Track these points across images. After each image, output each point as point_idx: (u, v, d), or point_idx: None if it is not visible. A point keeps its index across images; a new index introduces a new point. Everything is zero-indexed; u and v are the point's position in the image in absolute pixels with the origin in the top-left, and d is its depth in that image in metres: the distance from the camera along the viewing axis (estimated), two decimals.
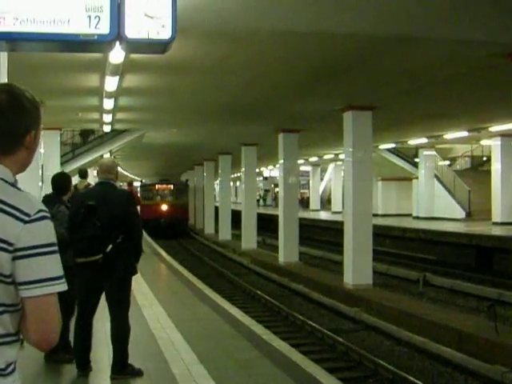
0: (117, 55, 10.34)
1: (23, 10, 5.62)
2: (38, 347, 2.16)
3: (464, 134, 25.12)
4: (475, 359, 10.83)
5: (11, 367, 2.11)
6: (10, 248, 2.03)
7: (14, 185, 2.15)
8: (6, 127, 2.17)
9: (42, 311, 2.07)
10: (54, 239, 2.12)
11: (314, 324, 14.06)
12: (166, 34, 5.89)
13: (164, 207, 42.57)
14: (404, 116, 20.12)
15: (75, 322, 6.96)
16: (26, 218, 2.06)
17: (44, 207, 2.13)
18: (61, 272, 2.10)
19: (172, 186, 44.74)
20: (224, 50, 11.25)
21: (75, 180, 11.99)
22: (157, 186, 44.73)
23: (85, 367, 6.95)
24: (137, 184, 69.58)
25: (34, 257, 2.04)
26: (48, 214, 2.13)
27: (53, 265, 2.09)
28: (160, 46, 6.19)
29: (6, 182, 2.13)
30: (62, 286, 2.10)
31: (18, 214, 2.05)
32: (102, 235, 6.50)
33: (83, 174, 13.14)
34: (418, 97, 16.14)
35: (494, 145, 28.14)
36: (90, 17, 5.81)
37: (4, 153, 2.17)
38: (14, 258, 2.04)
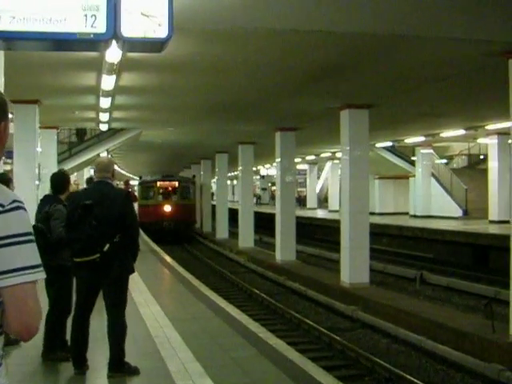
0: (113, 54, 10.34)
1: (20, 9, 5.63)
2: (20, 337, 2.14)
3: (461, 132, 25.17)
4: (471, 357, 10.85)
5: None
6: None
7: None
8: None
9: (20, 300, 2.05)
10: (29, 229, 2.12)
11: (310, 322, 14.07)
12: (162, 32, 5.90)
13: (167, 208, 36.50)
14: (401, 114, 20.14)
15: (72, 320, 6.97)
16: (0, 209, 2.06)
17: (19, 198, 2.13)
18: (38, 261, 2.09)
19: (176, 183, 38.55)
20: (221, 48, 11.26)
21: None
22: (158, 184, 38.20)
23: (81, 365, 6.96)
24: (134, 182, 69.49)
25: (8, 246, 2.04)
26: (23, 205, 2.13)
27: (29, 253, 2.08)
28: (156, 45, 6.20)
29: None
30: (39, 275, 2.09)
31: None
32: (98, 234, 6.51)
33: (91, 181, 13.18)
34: (414, 95, 16.15)
35: (490, 143, 28.18)
36: (86, 16, 5.82)
37: None
38: None
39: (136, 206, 34.08)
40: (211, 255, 29.46)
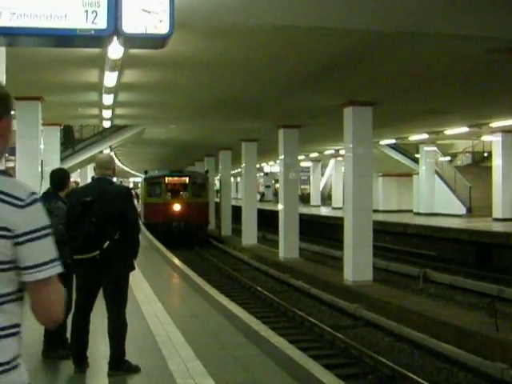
0: (115, 50, 10.30)
1: (20, 5, 5.60)
2: (46, 327, 2.36)
3: (465, 129, 25.09)
4: (475, 356, 10.80)
5: (15, 362, 2.08)
6: (10, 234, 2.03)
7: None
8: None
9: (46, 293, 2.10)
10: (47, 221, 2.13)
11: (313, 320, 14.03)
12: (163, 28, 5.87)
13: (176, 207, 32.41)
14: (405, 111, 20.08)
15: (72, 318, 6.93)
16: (21, 203, 2.07)
17: (33, 189, 2.14)
18: (56, 254, 2.13)
19: (187, 179, 34.00)
20: (223, 45, 11.21)
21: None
22: (166, 179, 33.69)
23: (82, 363, 6.92)
24: (137, 179, 69.40)
25: (35, 241, 2.06)
26: (38, 196, 2.14)
27: (50, 247, 2.11)
28: (158, 41, 6.16)
29: None
30: (59, 268, 2.13)
31: (11, 200, 2.06)
32: (98, 232, 6.46)
33: None
34: (418, 92, 16.11)
35: (494, 140, 28.07)
36: (87, 11, 5.79)
37: None
38: (16, 244, 2.05)
39: (140, 204, 33.74)
40: (214, 252, 29.41)
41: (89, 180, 10.67)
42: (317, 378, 6.36)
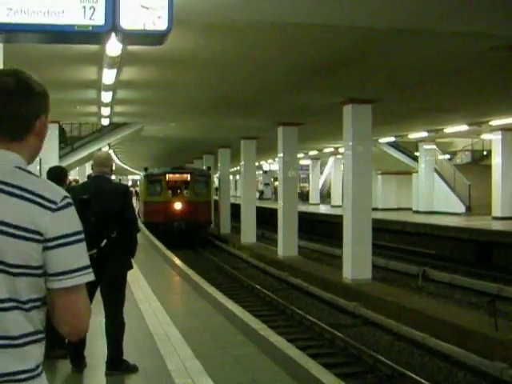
0: (114, 47, 10.24)
1: (17, 1, 5.55)
2: (69, 338, 2.15)
3: (464, 127, 25.03)
4: (474, 355, 10.76)
5: (40, 368, 2.01)
6: (40, 238, 1.95)
7: (31, 172, 2.06)
8: (15, 111, 2.06)
9: (73, 303, 2.01)
10: (81, 226, 2.04)
11: (312, 318, 13.99)
12: (162, 25, 5.81)
13: (177, 206, 31.36)
14: (404, 109, 20.03)
15: None
16: (53, 206, 1.98)
17: (67, 193, 2.05)
18: (88, 261, 2.04)
19: (189, 176, 32.75)
20: (223, 42, 11.15)
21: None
22: (167, 177, 32.38)
23: (79, 363, 6.87)
24: (135, 177, 69.38)
25: (65, 246, 1.97)
26: (72, 201, 2.05)
27: (83, 253, 2.02)
28: (156, 38, 6.10)
29: (24, 169, 2.04)
30: (91, 276, 2.03)
31: (43, 202, 1.97)
32: (96, 230, 6.39)
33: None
34: (418, 90, 16.06)
35: (494, 139, 28.03)
36: (84, 7, 5.73)
37: (13, 139, 2.07)
38: (45, 249, 1.96)
39: (139, 202, 33.38)
40: (213, 250, 29.36)
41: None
42: (316, 378, 6.31)
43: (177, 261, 17.51)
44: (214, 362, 7.45)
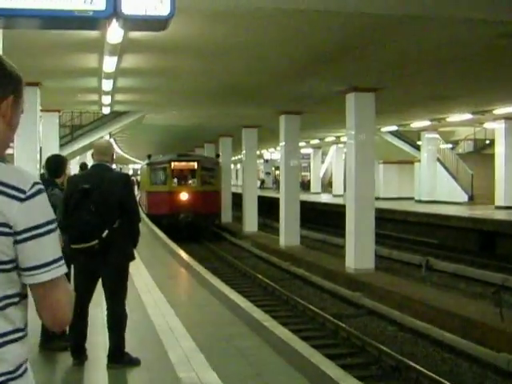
0: (115, 35, 10.10)
1: None
2: (52, 330, 2.07)
3: (468, 116, 24.87)
4: (481, 346, 10.65)
5: (22, 368, 1.88)
6: (10, 231, 1.80)
7: None
8: None
9: (51, 296, 1.88)
10: (52, 214, 1.89)
11: (315, 309, 13.87)
12: (164, 10, 5.69)
13: (183, 196, 28.99)
14: (407, 98, 19.89)
15: None
16: (22, 196, 1.81)
17: (37, 178, 1.88)
18: (61, 252, 1.90)
19: (196, 164, 30.23)
20: (225, 29, 11.01)
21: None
22: (172, 165, 29.83)
23: (80, 355, 6.74)
24: (137, 166, 69.28)
25: (37, 238, 1.82)
26: (43, 186, 1.89)
27: (55, 245, 1.88)
28: (158, 23, 5.97)
29: None
30: (64, 268, 1.91)
31: (10, 191, 1.81)
32: (97, 220, 6.26)
33: (85, 167, 13.03)
34: (422, 78, 15.90)
35: (497, 128, 27.85)
36: None
37: None
38: (16, 242, 1.81)
39: (141, 193, 32.74)
40: (214, 239, 29.21)
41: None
42: (323, 371, 6.19)
43: (178, 250, 17.39)
44: (217, 354, 7.34)
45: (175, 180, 29.94)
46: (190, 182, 30.16)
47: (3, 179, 1.82)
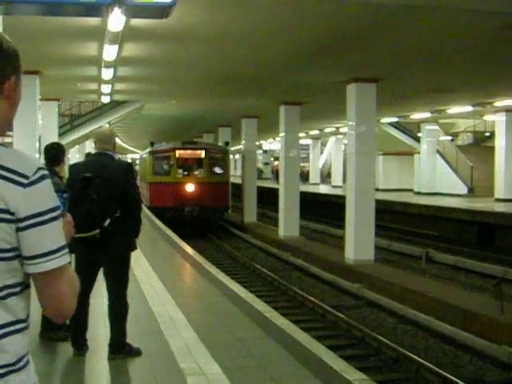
0: (116, 22, 9.99)
1: None
2: (55, 321, 1.97)
3: (468, 108, 24.80)
4: (481, 338, 10.62)
5: (24, 360, 1.82)
6: (12, 218, 1.73)
7: None
8: None
9: (54, 286, 1.81)
10: (57, 201, 1.83)
11: (315, 300, 13.84)
12: None
13: (189, 187, 26.60)
14: (409, 89, 19.81)
15: None
16: (25, 181, 1.74)
17: (41, 164, 1.81)
18: (65, 240, 1.85)
19: (203, 153, 27.65)
20: (226, 18, 10.93)
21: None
22: (177, 153, 27.33)
23: (81, 346, 6.69)
24: (135, 156, 69.14)
25: (40, 226, 1.75)
26: (47, 172, 1.82)
27: (59, 233, 1.81)
28: (161, 10, 5.91)
29: None
30: (68, 257, 1.85)
31: (13, 176, 1.74)
32: (98, 209, 6.19)
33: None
34: (424, 69, 15.83)
35: (498, 120, 27.79)
36: None
37: None
38: (18, 230, 1.74)
39: (142, 183, 32.30)
40: (214, 230, 29.13)
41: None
42: (326, 364, 6.14)
43: (178, 240, 17.33)
44: (219, 345, 7.29)
45: (180, 170, 27.49)
46: (196, 172, 27.60)
47: (5, 164, 1.75)
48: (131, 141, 55.73)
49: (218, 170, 27.86)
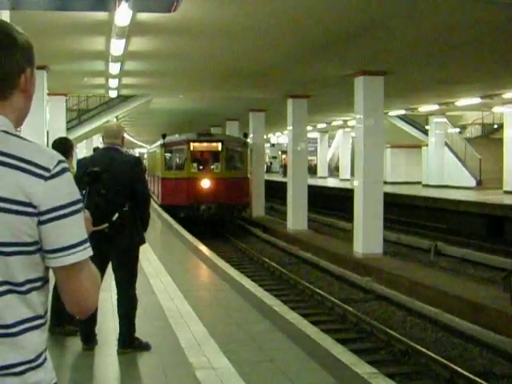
0: (123, 17, 9.97)
1: None
2: (77, 316, 1.98)
3: (477, 100, 24.69)
4: (490, 331, 10.59)
5: (42, 357, 1.81)
6: (34, 211, 1.71)
7: (19, 135, 1.81)
8: None
9: (76, 280, 1.80)
10: (79, 194, 1.82)
11: (323, 293, 13.84)
12: None
13: (205, 184, 24.49)
14: (417, 81, 19.73)
15: None
16: (46, 174, 1.73)
17: (61, 157, 1.80)
18: (86, 234, 1.82)
19: (220, 145, 25.57)
20: (234, 11, 10.89)
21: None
22: (192, 146, 25.18)
23: (90, 341, 6.70)
24: (142, 150, 69.18)
25: (62, 219, 1.73)
26: (67, 165, 1.81)
27: (81, 226, 1.79)
28: (168, 4, 5.89)
29: (10, 133, 1.79)
30: (90, 251, 1.81)
31: (35, 169, 1.72)
32: (107, 203, 6.18)
33: None
34: (432, 61, 15.74)
35: (507, 112, 27.67)
36: None
37: None
38: (40, 223, 1.72)
39: (154, 179, 31.85)
40: (232, 230, 29.11)
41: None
42: (335, 357, 6.13)
43: (186, 234, 17.34)
44: (228, 339, 7.28)
45: (195, 164, 25.33)
46: (212, 166, 25.62)
47: (26, 156, 1.74)
48: (138, 135, 55.76)
49: (236, 164, 26.28)
